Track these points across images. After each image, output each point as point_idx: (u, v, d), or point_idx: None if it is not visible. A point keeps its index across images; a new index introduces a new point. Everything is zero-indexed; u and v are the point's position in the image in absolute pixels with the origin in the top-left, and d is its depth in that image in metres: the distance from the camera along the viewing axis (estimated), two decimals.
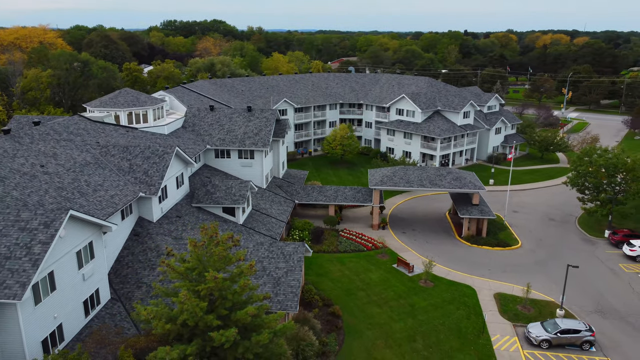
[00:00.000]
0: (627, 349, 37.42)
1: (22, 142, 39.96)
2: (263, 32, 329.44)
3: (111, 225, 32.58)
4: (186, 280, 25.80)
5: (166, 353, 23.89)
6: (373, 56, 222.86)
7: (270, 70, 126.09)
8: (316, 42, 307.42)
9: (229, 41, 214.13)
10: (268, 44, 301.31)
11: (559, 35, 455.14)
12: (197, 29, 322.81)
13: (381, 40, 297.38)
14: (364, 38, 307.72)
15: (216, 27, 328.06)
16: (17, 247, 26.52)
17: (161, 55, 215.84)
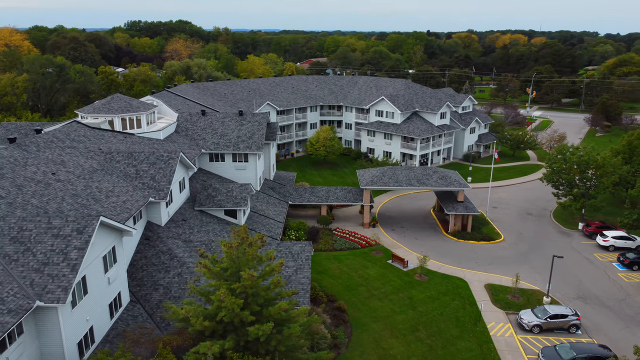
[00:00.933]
0: (608, 330, 40.97)
1: (29, 150, 40.43)
2: (230, 33, 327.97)
3: (132, 230, 33.71)
4: (221, 280, 27.39)
5: (207, 348, 25.49)
6: (342, 57, 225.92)
7: (246, 72, 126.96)
8: (283, 42, 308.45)
9: (195, 42, 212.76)
10: (235, 44, 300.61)
11: (517, 36, 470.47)
12: (163, 29, 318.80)
13: (348, 41, 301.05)
14: (331, 39, 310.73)
15: (182, 27, 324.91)
16: (54, 253, 27.52)
17: (129, 57, 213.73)
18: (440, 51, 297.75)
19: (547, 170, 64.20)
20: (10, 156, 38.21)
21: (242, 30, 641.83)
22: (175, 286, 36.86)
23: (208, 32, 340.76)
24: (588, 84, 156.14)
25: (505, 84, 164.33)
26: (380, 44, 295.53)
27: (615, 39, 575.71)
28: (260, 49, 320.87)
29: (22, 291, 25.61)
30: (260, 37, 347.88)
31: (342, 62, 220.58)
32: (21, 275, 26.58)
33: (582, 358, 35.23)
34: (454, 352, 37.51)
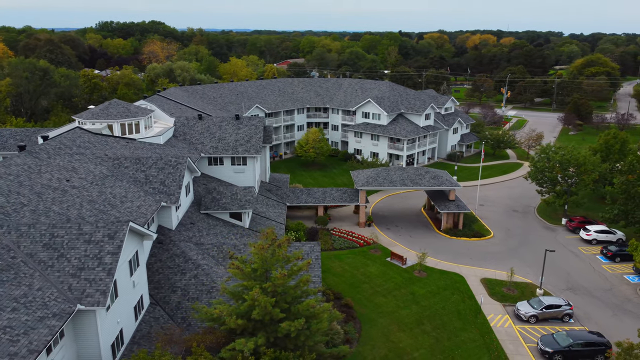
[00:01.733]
0: (597, 318, 43.87)
1: (40, 158, 40.91)
2: (205, 34, 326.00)
3: (153, 235, 34.73)
4: (251, 280, 28.79)
5: (243, 345, 26.92)
6: (319, 58, 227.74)
7: (229, 74, 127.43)
8: (259, 43, 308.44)
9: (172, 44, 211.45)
10: (210, 45, 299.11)
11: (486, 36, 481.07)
12: (136, 30, 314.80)
13: (324, 42, 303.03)
14: (306, 39, 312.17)
15: (155, 28, 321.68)
16: (88, 258, 28.43)
17: (104, 59, 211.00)
18: (414, 52, 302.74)
19: (532, 169, 67.26)
20: (24, 164, 38.69)
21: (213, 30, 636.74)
22: (193, 288, 37.97)
23: (182, 33, 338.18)
24: (559, 84, 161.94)
25: (480, 84, 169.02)
26: (355, 44, 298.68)
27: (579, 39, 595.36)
28: (235, 49, 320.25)
29: (61, 296, 26.49)
30: (234, 38, 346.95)
31: (319, 63, 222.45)
32: (58, 280, 27.44)
33: (578, 344, 37.87)
34: (459, 343, 39.72)
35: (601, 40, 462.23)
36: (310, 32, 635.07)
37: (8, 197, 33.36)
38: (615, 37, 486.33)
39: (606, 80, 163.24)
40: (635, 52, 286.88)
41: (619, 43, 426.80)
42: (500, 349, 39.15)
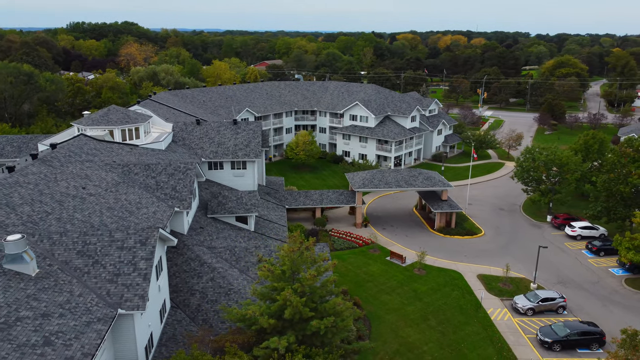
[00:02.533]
0: (588, 309, 46.77)
1: (54, 166, 41.40)
2: (179, 35, 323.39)
3: (174, 240, 35.79)
4: (281, 282, 30.25)
5: (277, 343, 28.39)
6: (297, 60, 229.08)
7: (212, 78, 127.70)
8: (234, 44, 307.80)
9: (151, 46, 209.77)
10: (185, 46, 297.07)
11: (457, 36, 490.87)
12: (109, 31, 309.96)
13: (299, 43, 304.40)
14: (282, 41, 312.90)
15: (128, 29, 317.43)
16: (123, 264, 29.42)
17: (79, 61, 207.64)
18: (389, 53, 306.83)
19: (517, 169, 70.29)
20: (40, 172, 39.19)
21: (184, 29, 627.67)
22: (211, 290, 39.13)
23: (156, 34, 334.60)
24: (532, 85, 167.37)
25: (457, 85, 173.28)
26: (330, 45, 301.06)
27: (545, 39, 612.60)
28: (210, 50, 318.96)
29: (101, 301, 27.45)
30: (209, 39, 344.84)
31: (297, 65, 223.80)
32: (96, 286, 28.37)
33: (575, 334, 40.54)
34: (464, 337, 41.95)
35: (567, 41, 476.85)
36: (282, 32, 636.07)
37: (32, 206, 33.99)
38: (580, 38, 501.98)
39: (576, 81, 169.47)
40: (600, 53, 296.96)
41: (584, 44, 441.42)
42: (502, 340, 41.54)
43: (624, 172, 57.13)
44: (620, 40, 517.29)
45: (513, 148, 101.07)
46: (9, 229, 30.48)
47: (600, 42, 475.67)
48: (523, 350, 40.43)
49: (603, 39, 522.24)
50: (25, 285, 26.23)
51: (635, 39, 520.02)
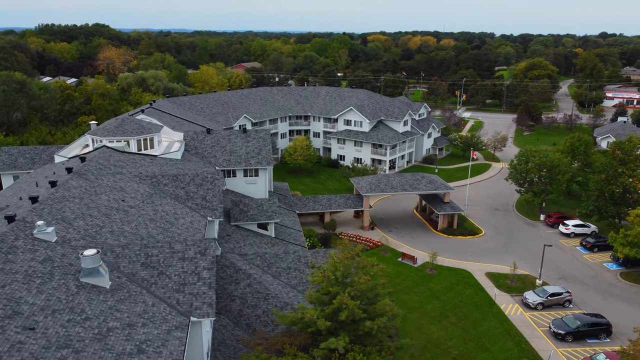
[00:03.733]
0: (591, 302, 50.54)
1: (89, 179, 42.45)
2: (152, 37, 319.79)
3: (219, 249, 37.51)
4: (335, 286, 32.43)
5: (336, 343, 30.60)
6: (275, 62, 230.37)
7: (200, 83, 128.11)
8: (209, 46, 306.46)
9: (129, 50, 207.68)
10: (159, 49, 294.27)
11: (427, 37, 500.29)
12: (80, 34, 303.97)
13: (274, 45, 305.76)
14: (257, 43, 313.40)
15: (100, 31, 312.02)
16: (187, 274, 31.07)
17: (54, 65, 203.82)
18: (363, 54, 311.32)
19: (511, 171, 74.10)
20: (80, 186, 40.25)
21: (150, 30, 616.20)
22: (249, 296, 40.95)
23: (128, 36, 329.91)
24: (508, 87, 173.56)
25: (435, 87, 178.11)
26: (305, 47, 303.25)
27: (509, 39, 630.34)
28: (184, 53, 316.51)
29: (173, 310, 29.10)
30: (181, 41, 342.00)
31: (275, 68, 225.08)
32: (165, 296, 29.97)
33: (585, 325, 44.06)
34: (483, 332, 44.99)
35: (532, 42, 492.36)
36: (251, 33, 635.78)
37: (85, 220, 35.21)
38: (544, 39, 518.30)
39: (549, 82, 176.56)
40: (565, 54, 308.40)
41: (548, 44, 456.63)
42: (519, 334, 44.75)
43: (616, 172, 61.37)
44: (581, 41, 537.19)
45: (498, 150, 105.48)
46: (72, 244, 31.73)
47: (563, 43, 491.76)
48: (539, 342, 43.71)
49: (565, 39, 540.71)
50: (105, 298, 27.69)
51: (595, 39, 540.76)
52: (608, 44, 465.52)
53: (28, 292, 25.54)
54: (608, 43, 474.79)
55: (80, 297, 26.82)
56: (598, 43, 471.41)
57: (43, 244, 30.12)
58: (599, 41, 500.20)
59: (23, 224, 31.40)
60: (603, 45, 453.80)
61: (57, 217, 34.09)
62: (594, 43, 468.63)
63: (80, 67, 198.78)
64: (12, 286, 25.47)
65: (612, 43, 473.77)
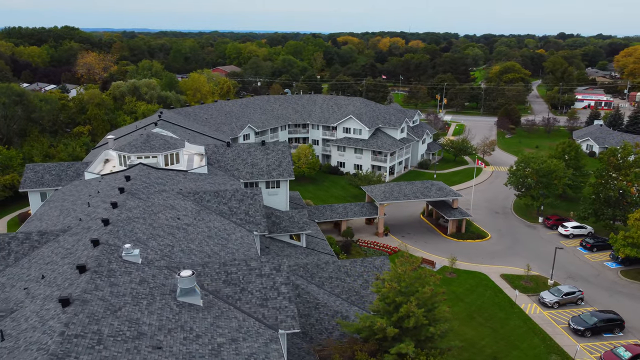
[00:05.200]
0: (600, 299, 55.08)
1: (142, 198, 44.07)
2: (125, 40, 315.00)
3: None
4: (400, 296, 35.37)
5: (405, 348, 33.59)
6: (255, 66, 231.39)
7: (192, 91, 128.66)
8: (183, 49, 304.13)
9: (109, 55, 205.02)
10: (132, 52, 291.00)
11: (395, 39, 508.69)
12: (49, 37, 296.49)
13: (250, 48, 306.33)
14: (232, 46, 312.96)
15: (69, 34, 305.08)
16: (267, 290, 33.40)
17: (29, 71, 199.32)
18: (338, 57, 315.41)
19: (511, 176, 78.58)
20: (138, 206, 41.89)
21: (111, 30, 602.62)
22: (301, 306, 43.38)
23: (99, 39, 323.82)
24: (486, 90, 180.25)
25: (416, 91, 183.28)
26: (281, 51, 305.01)
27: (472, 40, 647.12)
28: (157, 56, 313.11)
29: (261, 324, 31.43)
30: (154, 43, 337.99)
31: (255, 72, 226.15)
32: (250, 310, 32.26)
33: (602, 321, 48.42)
34: (510, 330, 48.81)
35: (496, 43, 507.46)
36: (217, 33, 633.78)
37: (156, 240, 37.06)
38: (508, 40, 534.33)
39: (523, 86, 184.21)
40: (531, 56, 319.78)
41: (512, 45, 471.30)
42: (542, 331, 48.75)
43: (610, 177, 66.49)
44: (542, 41, 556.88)
45: (487, 154, 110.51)
46: (155, 264, 33.63)
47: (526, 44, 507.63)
48: (561, 338, 47.81)
49: (527, 40, 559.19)
50: (204, 315, 29.83)
51: (554, 40, 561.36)
52: (568, 44, 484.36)
53: (142, 314, 27.50)
54: (568, 44, 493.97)
55: (184, 316, 28.89)
56: (558, 44, 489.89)
57: (133, 266, 31.96)
58: (559, 42, 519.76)
59: (108, 247, 33.13)
60: (563, 46, 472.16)
61: (132, 239, 35.83)
62: (554, 44, 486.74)
63: (57, 73, 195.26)
64: (127, 308, 27.39)
65: (571, 44, 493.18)
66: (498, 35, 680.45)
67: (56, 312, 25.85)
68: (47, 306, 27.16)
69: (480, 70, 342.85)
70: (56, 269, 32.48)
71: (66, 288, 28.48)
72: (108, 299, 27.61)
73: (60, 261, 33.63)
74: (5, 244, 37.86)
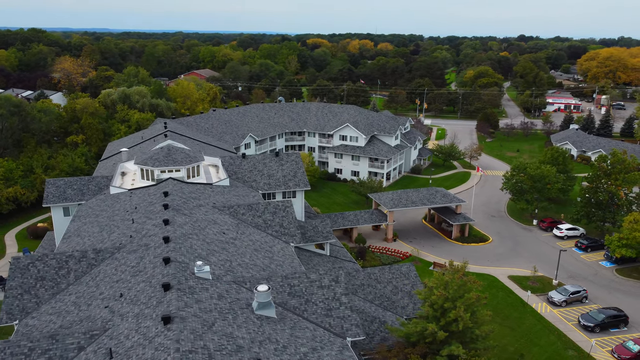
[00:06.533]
0: (602, 297, 59.60)
1: (186, 214, 45.66)
2: (95, 43, 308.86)
3: None
4: (448, 302, 38.34)
5: (457, 349, 36.61)
6: (233, 71, 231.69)
7: (181, 98, 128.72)
8: (157, 52, 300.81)
9: (69, 57, 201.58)
10: (103, 55, 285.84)
11: (364, 41, 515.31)
12: (16, 40, 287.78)
13: (224, 51, 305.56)
14: (205, 49, 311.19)
15: (37, 37, 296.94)
16: (329, 300, 35.77)
17: (2, 76, 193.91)
18: (312, 60, 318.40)
19: (506, 182, 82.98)
20: (186, 223, 43.51)
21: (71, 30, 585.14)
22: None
23: (68, 42, 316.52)
24: (463, 95, 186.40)
25: (395, 95, 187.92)
26: (256, 54, 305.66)
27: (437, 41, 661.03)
28: (129, 59, 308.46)
29: (330, 333, 33.81)
30: (124, 45, 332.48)
31: (234, 77, 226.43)
32: (317, 320, 34.60)
33: (609, 317, 52.77)
34: (527, 329, 52.58)
35: (462, 46, 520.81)
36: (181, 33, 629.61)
37: (215, 255, 38.90)
38: (473, 42, 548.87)
39: (497, 90, 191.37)
40: (498, 59, 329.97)
41: (477, 48, 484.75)
42: (556, 328, 52.74)
43: (600, 182, 71.54)
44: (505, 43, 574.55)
45: (474, 159, 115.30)
46: (224, 278, 35.55)
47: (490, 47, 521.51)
48: (573, 335, 51.89)
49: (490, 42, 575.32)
50: (281, 327, 32.02)
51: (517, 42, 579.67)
52: (530, 47, 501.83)
53: (232, 328, 29.51)
54: (530, 46, 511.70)
55: (266, 328, 31.02)
56: (521, 46, 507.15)
57: (206, 282, 33.86)
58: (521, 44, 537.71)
59: (178, 264, 34.87)
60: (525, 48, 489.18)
61: (194, 255, 37.58)
62: (517, 46, 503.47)
63: (32, 79, 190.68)
64: (219, 323, 29.35)
65: (533, 46, 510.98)
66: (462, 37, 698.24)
67: (158, 329, 27.60)
68: (144, 324, 28.82)
69: (449, 73, 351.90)
70: (132, 287, 33.98)
71: (156, 306, 30.16)
72: (200, 315, 29.49)
73: (131, 279, 35.11)
74: (64, 262, 38.97)
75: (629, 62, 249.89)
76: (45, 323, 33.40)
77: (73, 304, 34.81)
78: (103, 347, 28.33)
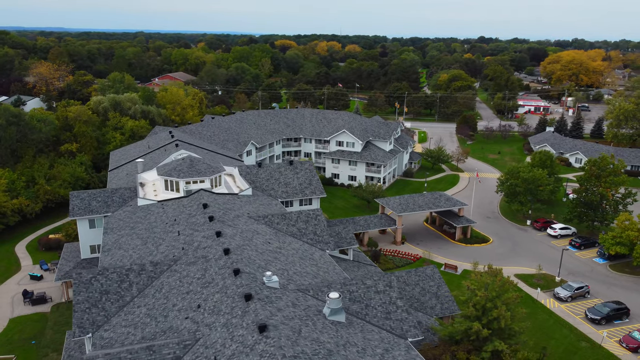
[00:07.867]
0: (602, 292, 64.48)
1: (229, 224, 47.52)
2: (63, 45, 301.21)
3: None
4: (489, 302, 41.70)
5: (500, 345, 40.07)
6: (211, 74, 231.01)
7: (171, 104, 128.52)
8: (127, 55, 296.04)
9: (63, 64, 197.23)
10: (71, 58, 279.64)
11: (332, 43, 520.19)
12: None
13: (196, 54, 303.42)
14: (177, 52, 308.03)
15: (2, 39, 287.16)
16: (386, 304, 38.54)
17: None
18: (284, 62, 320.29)
19: (502, 185, 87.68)
20: (235, 234, 45.42)
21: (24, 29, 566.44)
22: None
23: (34, 43, 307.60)
24: (440, 98, 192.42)
25: (375, 99, 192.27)
26: (229, 57, 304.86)
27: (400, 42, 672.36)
28: (98, 61, 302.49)
29: (393, 335, 36.59)
30: (93, 47, 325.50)
31: (211, 80, 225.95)
32: (379, 323, 37.31)
33: (613, 311, 57.54)
34: (541, 323, 56.75)
35: (427, 47, 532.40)
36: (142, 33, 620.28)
37: (270, 264, 41.06)
38: (438, 45, 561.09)
39: (472, 93, 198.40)
40: (466, 61, 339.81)
41: (442, 50, 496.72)
42: (566, 322, 57.13)
43: (590, 185, 76.99)
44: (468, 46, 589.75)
45: (461, 162, 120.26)
46: (288, 287, 37.79)
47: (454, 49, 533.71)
48: (583, 327, 56.40)
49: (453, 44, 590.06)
50: (353, 330, 34.60)
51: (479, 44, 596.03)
52: (491, 49, 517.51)
53: (316, 333, 31.90)
54: (491, 48, 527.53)
55: (342, 332, 33.55)
56: (483, 48, 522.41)
57: (277, 292, 36.08)
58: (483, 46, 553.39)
59: (247, 275, 36.94)
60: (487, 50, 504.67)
61: (254, 265, 39.67)
62: (479, 48, 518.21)
63: (5, 84, 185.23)
64: (305, 330, 31.69)
65: (494, 48, 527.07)
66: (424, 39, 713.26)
67: (255, 337, 29.73)
68: (237, 332, 30.87)
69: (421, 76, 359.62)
70: (207, 298, 35.83)
71: (242, 315, 32.20)
72: (286, 322, 31.77)
73: (203, 290, 36.93)
74: (124, 275, 40.31)
75: (590, 65, 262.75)
76: (124, 335, 34.85)
77: (147, 315, 36.33)
78: (200, 355, 30.25)
